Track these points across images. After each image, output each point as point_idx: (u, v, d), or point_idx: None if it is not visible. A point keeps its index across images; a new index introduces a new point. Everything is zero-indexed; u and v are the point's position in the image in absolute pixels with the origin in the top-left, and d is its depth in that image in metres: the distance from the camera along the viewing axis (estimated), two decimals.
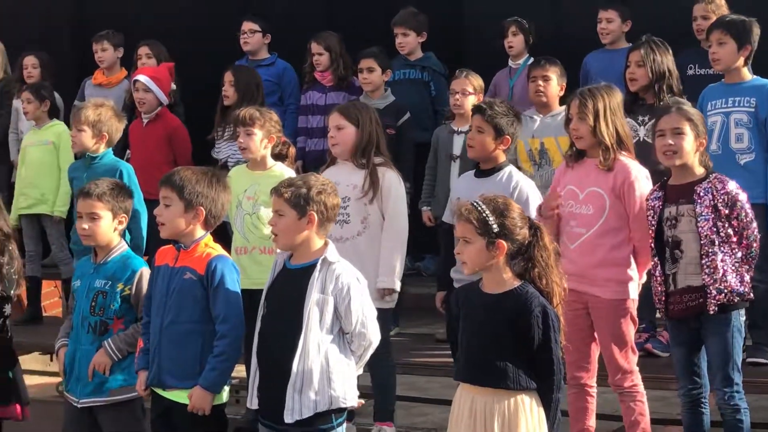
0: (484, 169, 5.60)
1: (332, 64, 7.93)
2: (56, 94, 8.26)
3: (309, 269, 4.41)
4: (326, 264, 4.41)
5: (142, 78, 7.47)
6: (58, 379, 8.01)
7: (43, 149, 7.81)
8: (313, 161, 7.72)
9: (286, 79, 8.24)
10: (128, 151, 7.66)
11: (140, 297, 4.93)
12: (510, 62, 7.77)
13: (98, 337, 4.96)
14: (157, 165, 7.35)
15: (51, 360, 8.28)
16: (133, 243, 6.31)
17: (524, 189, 5.48)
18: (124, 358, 4.93)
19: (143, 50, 8.29)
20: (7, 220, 5.48)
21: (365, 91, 7.52)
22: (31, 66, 8.62)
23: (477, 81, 7.02)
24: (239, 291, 4.69)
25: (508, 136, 5.52)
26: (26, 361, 5.59)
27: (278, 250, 4.65)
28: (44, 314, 8.55)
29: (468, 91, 6.93)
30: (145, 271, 4.99)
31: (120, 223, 5.06)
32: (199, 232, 4.75)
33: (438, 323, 7.54)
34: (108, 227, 5.01)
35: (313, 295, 4.34)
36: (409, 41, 7.98)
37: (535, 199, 5.46)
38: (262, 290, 4.62)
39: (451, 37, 8.49)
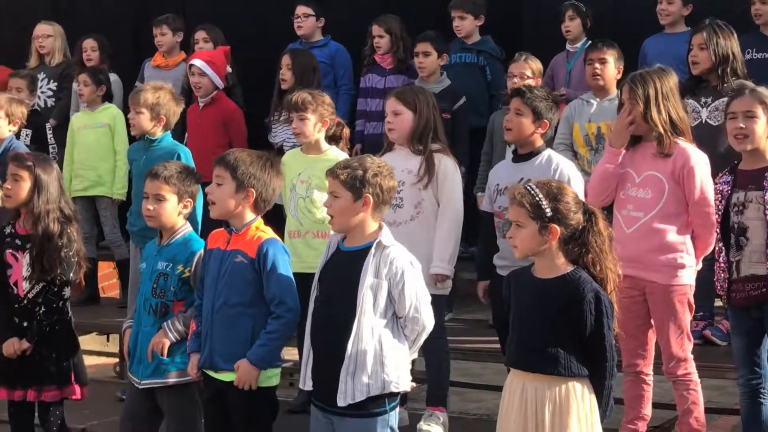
0: (522, 153, 5.53)
1: (392, 47, 7.90)
2: (115, 76, 8.32)
3: (363, 252, 4.39)
4: (381, 247, 4.38)
5: (197, 62, 7.48)
6: (116, 360, 8.12)
7: (99, 132, 7.83)
8: (371, 145, 7.68)
9: (338, 61, 8.22)
10: (187, 135, 7.69)
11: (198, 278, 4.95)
12: (567, 46, 7.68)
13: (159, 319, 4.97)
14: (212, 149, 7.25)
15: (108, 340, 8.39)
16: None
17: (565, 171, 5.41)
18: (183, 339, 4.93)
19: (200, 35, 8.31)
20: (69, 202, 5.50)
21: (420, 75, 7.47)
22: (90, 49, 8.68)
23: (536, 64, 6.94)
24: (291, 274, 4.68)
25: (546, 120, 5.45)
26: (84, 341, 5.64)
27: (332, 231, 4.63)
28: (102, 295, 8.64)
29: (526, 75, 6.85)
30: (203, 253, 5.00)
31: (185, 207, 5.05)
32: (249, 215, 4.75)
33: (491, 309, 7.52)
34: (172, 210, 5.01)
35: (367, 279, 4.32)
36: (465, 24, 7.91)
37: (576, 180, 5.37)
38: (314, 274, 4.61)
39: (508, 20, 8.38)
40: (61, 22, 9.06)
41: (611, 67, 6.57)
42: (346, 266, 4.41)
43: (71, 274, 5.37)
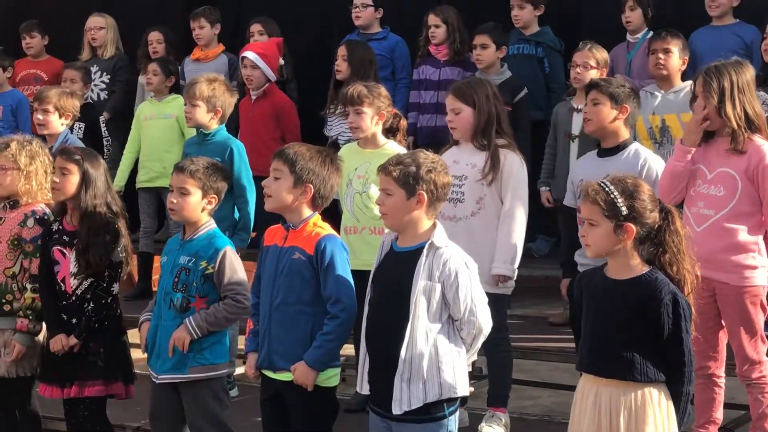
0: (607, 147, 5.35)
1: (448, 38, 7.73)
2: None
3: (416, 253, 4.24)
4: (433, 248, 4.23)
5: (249, 54, 7.38)
6: None
7: (165, 123, 7.76)
8: (425, 137, 7.57)
9: (397, 53, 8.08)
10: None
11: (223, 277, 4.85)
12: (628, 36, 7.47)
13: (180, 314, 4.87)
14: (264, 142, 7.36)
15: None
16: (241, 220, 6.29)
17: (653, 167, 5.23)
18: (204, 336, 4.85)
19: (255, 27, 8.21)
20: (116, 198, 5.42)
21: (479, 68, 7.31)
22: (156, 41, 8.60)
23: (601, 54, 6.76)
24: (349, 271, 4.56)
25: (626, 105, 5.28)
26: (135, 335, 5.55)
27: (386, 230, 4.50)
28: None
29: (590, 64, 6.68)
30: (230, 251, 4.90)
31: (209, 202, 4.96)
32: (306, 211, 4.63)
33: (547, 305, 7.36)
34: (196, 204, 4.92)
35: (420, 282, 4.18)
36: (524, 14, 7.73)
37: None
38: (370, 272, 4.48)
39: (567, 11, 8.19)
40: (113, 14, 8.99)
41: (675, 57, 6.37)
42: (398, 268, 4.28)
43: (118, 270, 5.29)
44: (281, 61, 7.61)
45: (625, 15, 7.39)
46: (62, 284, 5.28)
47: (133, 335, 5.43)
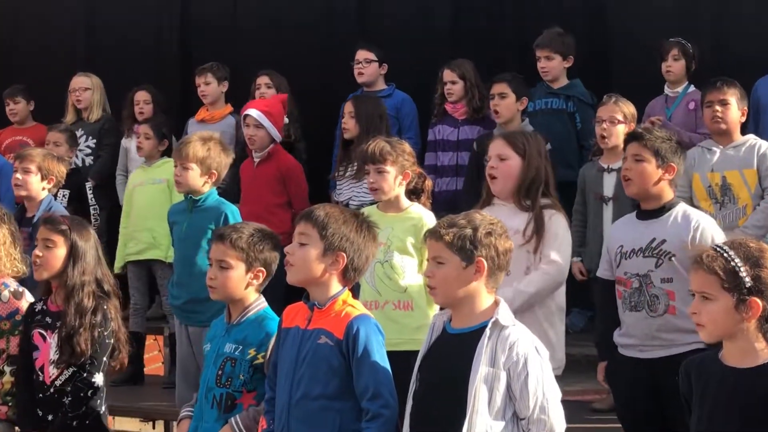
0: (648, 209, 4.67)
1: (466, 95, 7.16)
2: None
3: (475, 335, 3.56)
4: (497, 328, 3.55)
5: (252, 112, 6.68)
6: None
7: (155, 189, 7.12)
8: (443, 203, 6.88)
9: (404, 111, 7.50)
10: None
11: None
12: (666, 89, 6.85)
13: (224, 415, 4.16)
14: (268, 208, 6.68)
15: (154, 428, 7.52)
16: None
17: (708, 231, 4.54)
18: None
19: (262, 80, 7.59)
20: (108, 275, 4.75)
21: (497, 123, 6.66)
22: (143, 102, 7.97)
23: (628, 108, 6.17)
24: (387, 360, 3.85)
25: (673, 164, 4.62)
26: (124, 423, 4.81)
27: (437, 309, 3.77)
28: (148, 372, 7.80)
29: (617, 119, 6.08)
30: None
31: (255, 277, 4.27)
32: (336, 285, 3.92)
33: (586, 386, 6.62)
34: (239, 280, 4.24)
35: (481, 369, 3.49)
36: (553, 66, 7.10)
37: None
38: (398, 353, 3.96)
39: (595, 61, 7.57)
40: (99, 73, 8.34)
41: (734, 108, 5.75)
42: (453, 353, 3.60)
43: (104, 358, 4.58)
44: (286, 120, 6.93)
45: (667, 64, 6.75)
46: (40, 373, 4.59)
47: (124, 423, 4.72)
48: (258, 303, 4.31)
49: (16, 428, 4.72)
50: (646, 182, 4.62)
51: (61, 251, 4.61)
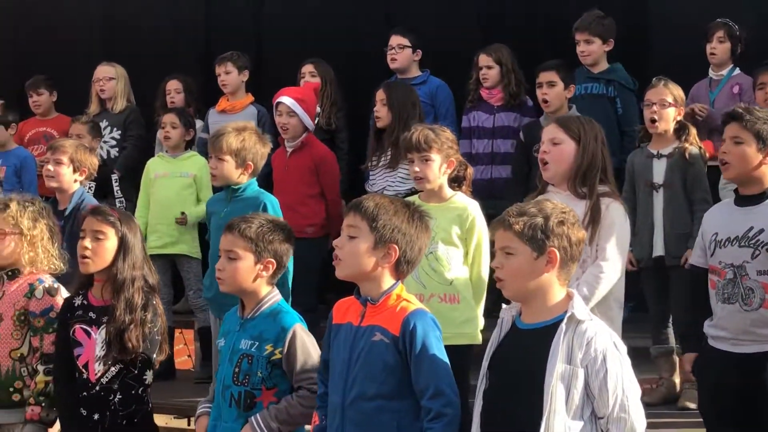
0: (747, 194, 4.47)
1: (503, 80, 6.98)
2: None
3: (549, 330, 3.40)
4: (573, 323, 3.38)
5: (285, 100, 6.50)
6: None
7: (182, 182, 6.96)
8: (479, 192, 6.68)
9: (440, 98, 7.30)
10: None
11: (294, 362, 4.00)
12: (711, 72, 6.66)
13: (243, 413, 4.01)
14: (301, 199, 6.53)
15: (189, 424, 7.35)
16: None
17: None
18: None
19: (307, 68, 7.39)
20: (153, 269, 4.58)
21: (545, 112, 6.46)
22: (174, 91, 7.82)
23: (677, 91, 6.00)
24: (446, 355, 3.67)
25: None
26: (157, 420, 4.65)
27: (504, 305, 3.60)
28: (179, 368, 7.66)
29: (667, 101, 5.89)
30: (300, 330, 4.05)
31: (265, 268, 4.11)
32: (388, 280, 3.74)
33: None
34: (247, 271, 4.08)
35: (558, 367, 3.32)
36: (593, 50, 6.90)
37: None
38: (445, 348, 3.66)
39: (633, 45, 7.36)
40: (123, 62, 8.18)
41: None
42: (526, 349, 3.43)
43: (154, 355, 4.43)
44: (318, 109, 6.75)
45: (711, 46, 6.55)
46: (84, 371, 4.42)
47: (157, 419, 4.56)
48: (272, 296, 4.15)
49: (56, 429, 4.58)
50: (745, 166, 4.43)
51: (111, 243, 4.44)
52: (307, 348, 4.02)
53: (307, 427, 4.07)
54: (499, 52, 7.02)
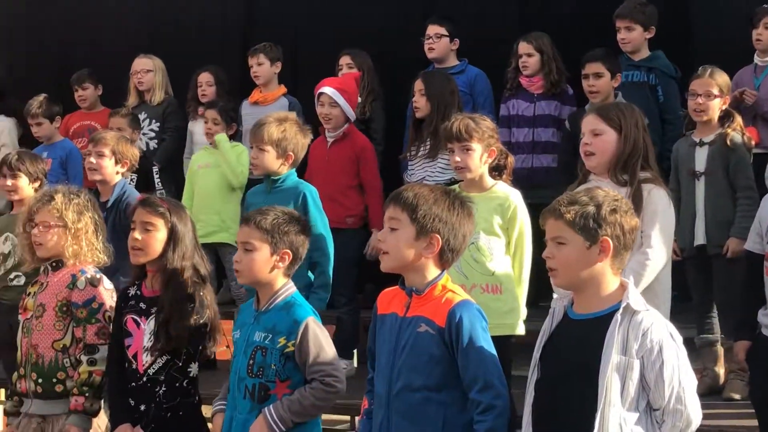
0: None
1: (543, 68, 6.91)
2: None
3: (603, 320, 3.35)
4: (629, 313, 3.34)
5: (327, 90, 6.48)
6: None
7: (222, 171, 6.97)
8: (518, 181, 6.63)
9: (478, 87, 7.23)
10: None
11: (307, 355, 4.00)
12: (756, 58, 6.54)
13: (257, 405, 4.01)
14: (342, 190, 6.51)
15: None
16: (320, 276, 5.43)
17: None
18: (289, 430, 3.97)
19: (344, 60, 7.36)
20: (205, 260, 4.57)
21: (591, 101, 6.40)
22: (205, 83, 7.81)
23: (723, 79, 5.89)
24: (493, 346, 3.65)
25: None
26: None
27: (555, 295, 3.57)
28: (220, 358, 7.65)
29: (713, 93, 5.80)
30: (312, 323, 4.04)
31: (281, 259, 4.10)
32: (433, 270, 3.73)
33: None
34: (263, 263, 4.07)
35: (613, 358, 3.28)
36: (634, 37, 6.79)
37: None
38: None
39: (675, 31, 7.27)
40: (161, 54, 8.20)
41: None
42: (579, 340, 3.39)
43: (199, 347, 4.42)
44: (359, 99, 6.74)
45: (757, 32, 6.45)
46: (133, 361, 4.43)
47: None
48: (286, 288, 4.14)
49: (98, 423, 4.59)
50: None
51: (161, 234, 4.44)
52: (320, 341, 4.01)
53: (327, 416, 4.06)
54: (540, 40, 6.95)
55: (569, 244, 3.39)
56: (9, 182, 6.01)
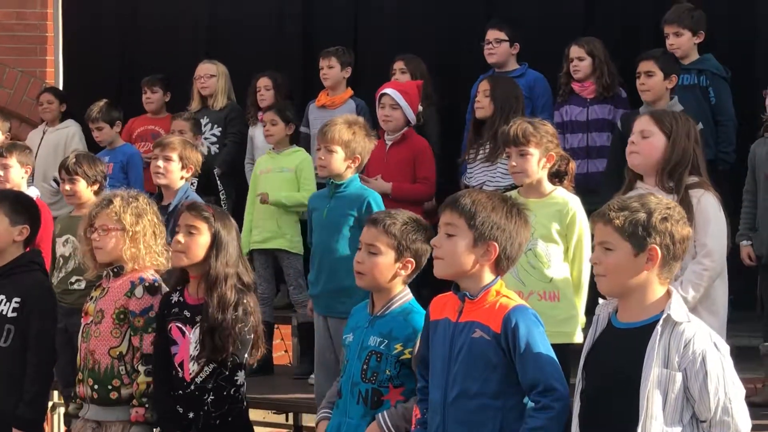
0: None
1: (595, 72, 6.83)
2: None
3: (645, 330, 3.32)
4: (670, 324, 3.30)
5: (390, 92, 6.49)
6: None
7: (282, 177, 6.96)
8: (575, 187, 6.61)
9: (538, 91, 7.18)
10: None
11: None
12: None
13: (370, 411, 3.98)
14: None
15: (287, 420, 7.40)
16: None
17: None
18: None
19: (398, 65, 7.33)
20: (249, 268, 4.57)
21: (644, 101, 6.34)
22: (263, 88, 7.81)
23: None
24: (551, 350, 3.63)
25: None
26: (255, 414, 4.65)
27: (600, 301, 3.53)
28: (278, 363, 7.70)
29: None
30: None
31: (404, 267, 4.06)
32: (488, 276, 3.71)
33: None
34: (386, 267, 4.04)
35: (653, 371, 3.25)
36: (682, 42, 6.70)
37: None
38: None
39: (732, 36, 7.18)
40: (225, 60, 8.24)
41: None
42: (622, 350, 3.36)
43: (246, 355, 4.43)
44: (420, 107, 6.76)
45: None
46: (180, 369, 4.44)
47: (254, 413, 4.57)
48: (404, 295, 4.11)
49: (155, 430, 4.60)
50: None
51: (203, 239, 4.45)
52: None
53: None
54: (592, 44, 6.87)
55: (616, 250, 3.36)
56: (67, 187, 6.07)
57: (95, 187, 6.02)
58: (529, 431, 3.50)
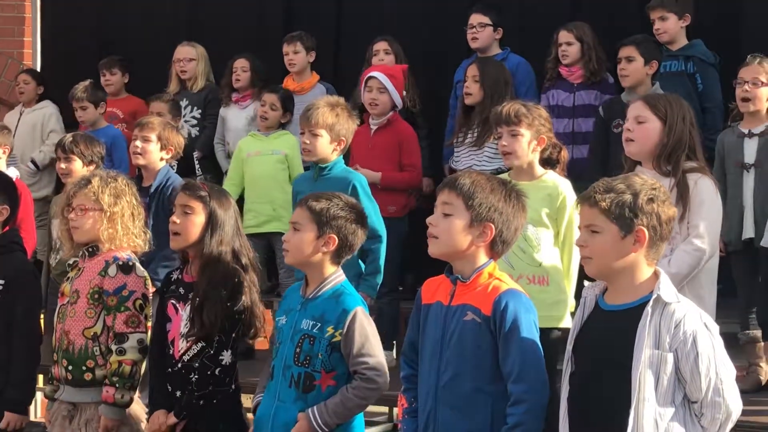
0: None
1: (583, 57, 6.77)
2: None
3: (634, 312, 3.28)
4: (660, 305, 3.26)
5: (377, 75, 6.42)
6: None
7: (275, 160, 6.88)
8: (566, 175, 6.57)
9: (520, 76, 7.08)
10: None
11: (351, 345, 3.90)
12: None
13: (303, 395, 3.93)
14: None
15: None
16: (372, 263, 5.37)
17: None
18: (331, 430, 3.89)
19: (381, 45, 7.24)
20: (248, 247, 4.48)
21: (625, 87, 6.30)
22: (240, 69, 7.72)
23: None
24: (538, 339, 3.57)
25: None
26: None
27: (586, 282, 3.50)
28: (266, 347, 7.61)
29: (761, 80, 5.66)
30: (361, 313, 3.94)
31: (326, 244, 4.00)
32: (482, 257, 3.65)
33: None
34: (307, 243, 3.99)
35: (645, 352, 3.21)
36: (668, 26, 6.64)
37: None
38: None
39: (721, 21, 7.15)
40: (203, 42, 8.14)
41: None
42: (610, 332, 3.32)
43: (233, 335, 4.33)
44: (404, 92, 6.69)
45: None
46: (171, 347, 4.37)
47: None
48: (335, 276, 4.04)
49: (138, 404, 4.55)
50: None
51: (199, 218, 4.36)
52: (366, 331, 3.91)
53: (374, 408, 3.98)
54: (581, 29, 6.81)
55: (603, 233, 3.32)
56: (63, 165, 6.00)
57: (91, 168, 5.92)
58: (507, 430, 3.45)
